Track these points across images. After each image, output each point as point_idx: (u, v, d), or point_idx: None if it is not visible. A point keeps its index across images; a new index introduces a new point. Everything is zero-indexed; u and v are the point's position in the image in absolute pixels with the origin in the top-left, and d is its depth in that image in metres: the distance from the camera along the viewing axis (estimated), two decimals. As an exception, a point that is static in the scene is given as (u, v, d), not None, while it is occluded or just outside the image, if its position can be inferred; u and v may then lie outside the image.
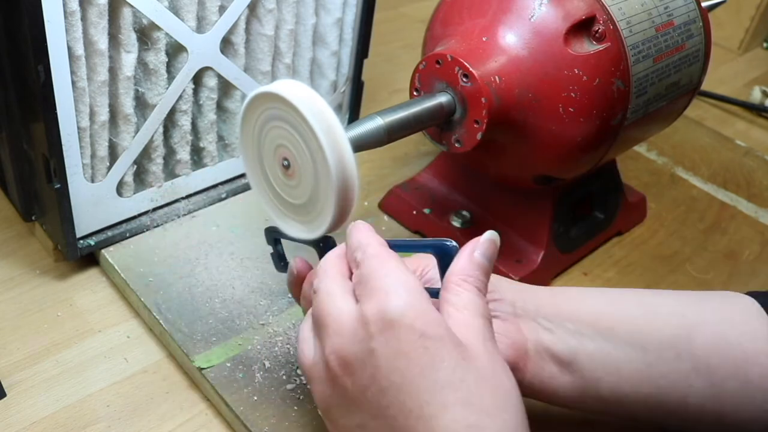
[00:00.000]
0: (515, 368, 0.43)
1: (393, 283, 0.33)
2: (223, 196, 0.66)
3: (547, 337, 0.44)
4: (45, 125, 0.50)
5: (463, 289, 0.36)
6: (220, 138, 0.65)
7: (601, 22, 0.52)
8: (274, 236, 0.48)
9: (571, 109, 0.52)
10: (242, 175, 0.67)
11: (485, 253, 0.38)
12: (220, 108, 0.63)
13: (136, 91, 0.56)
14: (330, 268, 0.37)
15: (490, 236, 0.39)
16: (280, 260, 0.50)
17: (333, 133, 0.38)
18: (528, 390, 0.45)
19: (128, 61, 0.53)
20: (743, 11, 1.13)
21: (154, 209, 0.62)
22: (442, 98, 0.51)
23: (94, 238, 0.59)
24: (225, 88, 0.62)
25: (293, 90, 0.38)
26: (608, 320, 0.44)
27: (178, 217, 0.63)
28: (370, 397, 0.33)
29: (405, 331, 0.32)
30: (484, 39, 0.53)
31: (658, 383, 0.43)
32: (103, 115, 0.54)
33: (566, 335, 0.44)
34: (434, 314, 0.33)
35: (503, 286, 0.46)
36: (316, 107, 0.38)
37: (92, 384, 0.51)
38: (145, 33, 0.53)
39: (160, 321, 0.54)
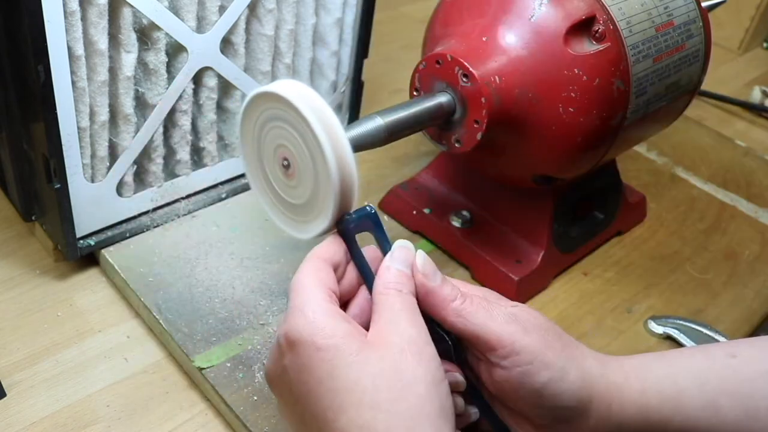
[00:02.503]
0: None
1: (298, 305, 0.36)
2: (223, 196, 0.66)
3: None
4: (45, 125, 0.50)
5: (384, 297, 0.37)
6: (220, 138, 0.65)
7: (601, 22, 0.52)
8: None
9: (571, 109, 0.52)
10: (242, 175, 0.67)
11: (398, 259, 0.39)
12: (220, 108, 0.63)
13: (136, 91, 0.56)
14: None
15: (399, 244, 0.40)
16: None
17: (333, 133, 0.38)
18: None
19: (128, 61, 0.53)
20: (743, 11, 1.13)
21: (154, 209, 0.62)
22: (442, 98, 0.51)
23: (94, 238, 0.59)
24: (225, 88, 0.62)
25: (293, 90, 0.38)
26: (699, 429, 0.40)
27: (178, 217, 0.63)
28: (291, 407, 0.37)
29: (304, 348, 0.35)
30: (484, 39, 0.53)
31: None
32: (103, 115, 0.54)
33: None
34: (331, 326, 0.35)
35: (594, 405, 0.40)
36: (316, 107, 0.38)
37: (92, 384, 0.51)
38: (145, 33, 0.53)
39: (160, 321, 0.54)
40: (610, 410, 0.40)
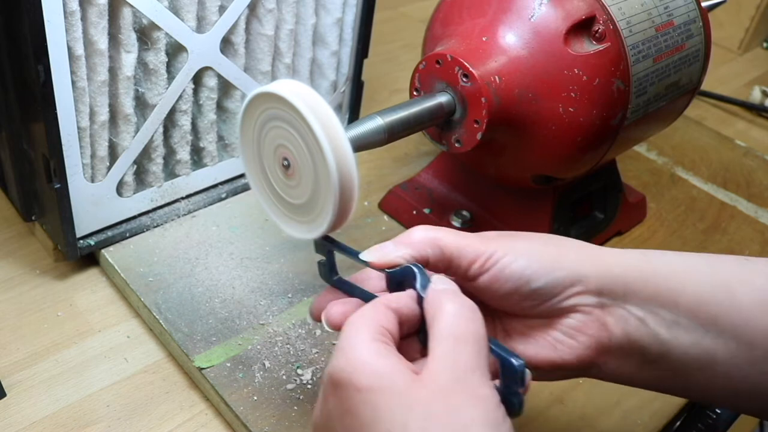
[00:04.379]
0: (592, 365, 0.40)
1: (342, 344, 0.34)
2: (223, 196, 0.66)
3: (637, 328, 0.39)
4: (45, 125, 0.50)
5: (444, 304, 0.35)
6: (220, 138, 0.65)
7: (601, 22, 0.52)
8: (328, 248, 0.43)
9: (571, 109, 0.52)
10: (242, 175, 0.67)
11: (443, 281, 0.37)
12: (220, 108, 0.63)
13: (136, 91, 0.56)
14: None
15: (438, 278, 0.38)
16: (330, 271, 0.44)
17: (333, 133, 0.38)
18: (603, 377, 0.41)
19: (128, 61, 0.53)
20: (743, 11, 1.13)
21: (154, 209, 0.62)
22: (442, 98, 0.51)
23: (94, 238, 0.59)
24: (225, 88, 0.62)
25: (293, 90, 0.38)
26: (712, 309, 0.38)
27: (178, 217, 0.63)
28: None
29: (344, 390, 0.32)
30: (484, 39, 0.53)
31: (759, 380, 0.38)
32: (103, 115, 0.54)
33: (659, 326, 0.39)
34: (372, 364, 0.32)
35: (585, 269, 0.39)
36: (316, 107, 0.38)
37: (92, 384, 0.51)
38: (145, 33, 0.53)
39: (160, 321, 0.54)
40: (612, 275, 0.38)
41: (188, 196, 0.64)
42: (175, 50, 0.56)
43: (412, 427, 0.30)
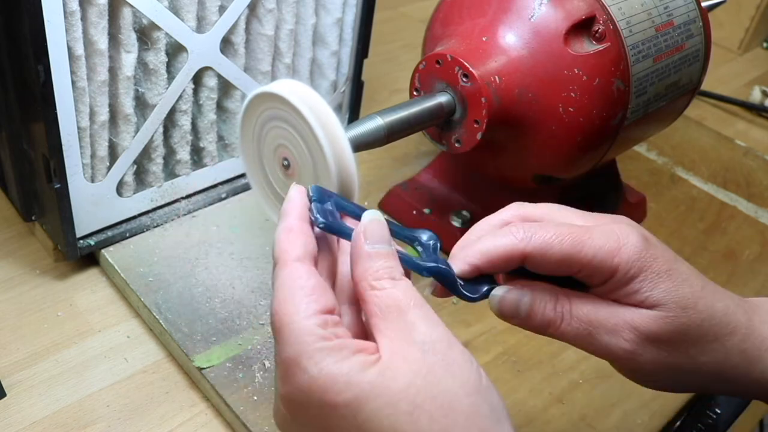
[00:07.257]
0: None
1: (292, 355, 0.30)
2: (223, 196, 0.66)
3: None
4: (45, 125, 0.50)
5: (380, 293, 0.31)
6: (220, 138, 0.65)
7: (601, 22, 0.52)
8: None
9: (571, 109, 0.52)
10: (242, 175, 0.67)
11: (374, 239, 0.33)
12: (220, 108, 0.63)
13: (136, 91, 0.56)
14: None
15: (370, 217, 0.34)
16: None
17: (332, 132, 0.38)
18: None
19: (128, 61, 0.53)
20: (743, 11, 1.13)
21: (154, 209, 0.62)
22: (442, 98, 0.51)
23: (94, 238, 0.59)
24: (225, 88, 0.62)
25: (293, 90, 0.38)
26: None
27: (178, 217, 0.63)
28: None
29: (318, 410, 0.29)
30: (484, 39, 0.53)
31: None
32: (103, 115, 0.54)
33: None
34: (342, 374, 0.29)
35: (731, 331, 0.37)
36: (316, 107, 0.38)
37: (92, 384, 0.51)
38: (145, 33, 0.53)
39: (160, 321, 0.54)
40: (744, 355, 0.36)
41: (188, 196, 0.64)
42: (175, 50, 0.56)
43: (403, 423, 0.28)
